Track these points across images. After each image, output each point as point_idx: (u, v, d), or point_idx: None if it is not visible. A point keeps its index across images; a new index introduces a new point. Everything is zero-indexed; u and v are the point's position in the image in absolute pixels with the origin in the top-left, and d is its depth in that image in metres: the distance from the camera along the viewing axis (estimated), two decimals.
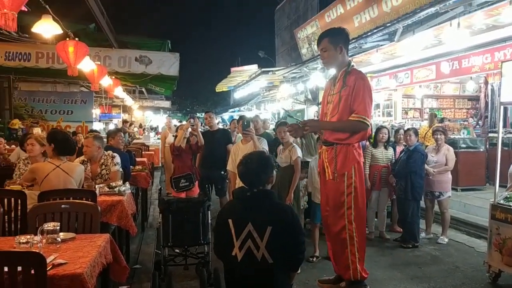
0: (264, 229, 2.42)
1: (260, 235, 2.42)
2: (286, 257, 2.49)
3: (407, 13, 7.96)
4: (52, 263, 2.34)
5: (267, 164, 2.71)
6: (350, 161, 3.70)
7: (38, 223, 3.16)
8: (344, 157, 3.70)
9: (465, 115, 14.49)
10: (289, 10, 22.24)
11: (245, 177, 2.64)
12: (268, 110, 21.13)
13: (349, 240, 3.73)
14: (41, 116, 13.91)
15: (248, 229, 2.43)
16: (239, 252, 2.44)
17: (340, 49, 3.75)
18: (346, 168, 3.70)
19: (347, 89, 3.66)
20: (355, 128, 3.67)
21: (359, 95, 3.61)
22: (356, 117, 3.60)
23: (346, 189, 3.70)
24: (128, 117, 23.61)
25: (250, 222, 2.44)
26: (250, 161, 2.66)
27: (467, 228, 6.73)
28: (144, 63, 10.60)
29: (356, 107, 3.60)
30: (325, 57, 3.82)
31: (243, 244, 2.44)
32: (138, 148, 10.21)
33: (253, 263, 2.43)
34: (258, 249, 2.42)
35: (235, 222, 2.48)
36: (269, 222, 2.44)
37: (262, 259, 2.43)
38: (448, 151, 6.33)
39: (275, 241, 2.42)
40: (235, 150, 5.42)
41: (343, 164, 3.70)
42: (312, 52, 13.21)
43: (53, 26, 5.75)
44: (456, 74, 9.81)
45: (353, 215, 3.72)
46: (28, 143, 4.83)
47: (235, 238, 2.46)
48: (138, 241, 5.94)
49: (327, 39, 3.78)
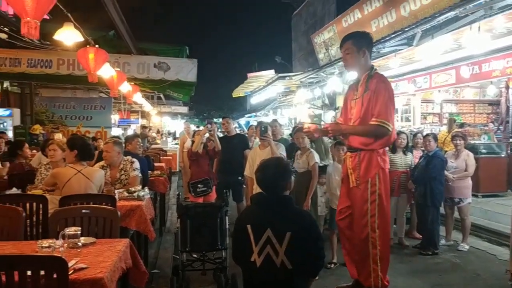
0: (283, 235, 2.42)
1: (279, 241, 2.42)
2: (306, 263, 2.48)
3: (426, 18, 7.88)
4: (73, 267, 2.37)
5: (285, 170, 2.70)
6: (374, 168, 3.62)
7: (59, 227, 3.21)
8: (367, 164, 3.63)
9: (486, 120, 14.24)
10: (306, 15, 22.22)
11: (263, 183, 2.64)
12: (285, 115, 21.10)
13: (371, 248, 3.66)
14: (61, 122, 14.16)
15: (267, 235, 2.43)
16: (258, 258, 2.44)
17: (363, 52, 3.71)
18: (370, 175, 3.62)
19: (369, 93, 3.60)
20: (376, 133, 3.60)
21: (379, 98, 3.55)
22: (377, 121, 3.54)
23: (370, 196, 3.62)
24: (146, 122, 23.84)
25: (269, 228, 2.44)
26: (267, 167, 2.66)
27: (488, 235, 6.61)
28: (162, 69, 10.71)
29: (376, 111, 3.54)
30: (348, 59, 3.78)
31: (262, 250, 2.43)
32: (156, 153, 10.30)
33: (272, 269, 2.43)
34: (277, 255, 2.42)
35: (254, 228, 2.48)
36: (288, 228, 2.44)
37: (281, 265, 2.42)
38: (468, 156, 6.23)
39: (294, 247, 2.42)
40: (252, 155, 5.43)
41: (366, 170, 3.63)
42: (329, 57, 13.17)
43: (74, 33, 5.85)
44: (476, 78, 9.66)
45: (377, 223, 3.63)
46: (50, 148, 4.92)
47: (254, 243, 2.45)
48: (156, 246, 5.99)
49: (351, 42, 3.74)
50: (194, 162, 6.52)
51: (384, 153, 3.77)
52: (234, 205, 6.83)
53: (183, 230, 4.22)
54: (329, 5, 18.84)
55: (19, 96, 14.13)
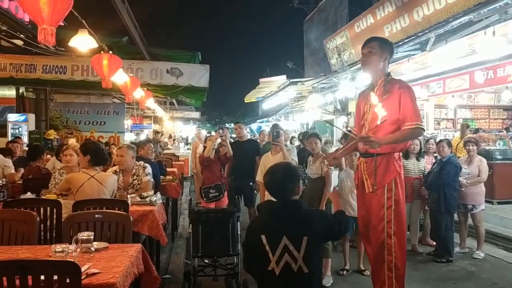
0: (299, 240, 2.40)
1: (297, 247, 2.39)
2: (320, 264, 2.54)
3: (440, 22, 7.82)
4: (86, 272, 2.38)
5: (294, 174, 2.68)
6: (391, 173, 3.56)
7: (72, 232, 3.23)
8: (385, 169, 3.58)
9: (501, 125, 14.05)
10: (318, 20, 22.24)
11: (272, 187, 2.61)
12: (297, 120, 21.08)
13: (387, 254, 3.59)
14: (75, 127, 14.33)
15: (284, 243, 2.40)
16: (277, 267, 2.41)
17: (385, 57, 3.67)
18: (386, 181, 3.57)
19: (390, 96, 3.57)
20: (414, 135, 3.78)
21: (408, 101, 3.51)
22: (415, 124, 3.48)
23: (386, 202, 3.57)
24: (158, 127, 24.01)
25: (284, 236, 2.41)
26: (276, 171, 2.65)
27: (504, 242, 6.50)
28: (175, 75, 10.79)
29: (409, 114, 3.49)
30: (369, 58, 3.70)
31: (280, 258, 2.41)
32: (168, 158, 10.34)
33: (290, 275, 2.41)
34: (296, 262, 2.40)
35: (269, 238, 2.44)
36: (304, 232, 2.42)
37: (298, 270, 2.41)
38: (481, 162, 6.15)
39: (312, 249, 2.41)
40: (264, 161, 5.42)
41: (383, 176, 3.58)
42: (342, 63, 13.13)
43: (89, 39, 5.93)
44: (491, 83, 9.55)
45: (393, 229, 3.57)
46: (66, 153, 4.95)
47: (271, 253, 2.42)
48: (168, 251, 6.00)
49: (377, 43, 3.71)
50: (206, 168, 6.52)
51: (399, 158, 3.71)
52: (246, 210, 6.82)
53: (195, 235, 4.22)
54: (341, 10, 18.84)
55: (34, 101, 14.33)
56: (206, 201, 6.38)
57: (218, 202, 6.43)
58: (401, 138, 3.61)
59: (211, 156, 6.41)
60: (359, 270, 5.22)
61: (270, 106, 22.34)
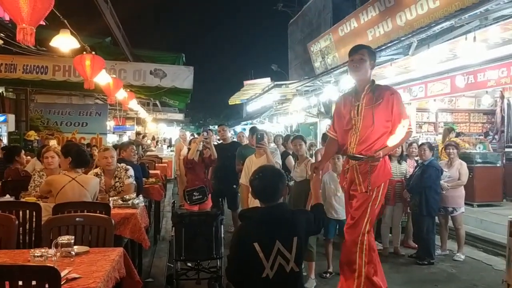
0: (290, 241, 2.42)
1: (289, 249, 2.41)
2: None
3: (422, 27, 7.93)
4: (66, 277, 2.34)
5: (282, 175, 2.69)
6: (385, 175, 3.72)
7: (52, 235, 3.17)
8: (379, 171, 3.67)
9: (481, 129, 14.30)
10: (303, 23, 22.34)
11: (264, 190, 2.57)
12: (281, 123, 21.13)
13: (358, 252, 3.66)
14: (56, 128, 14.10)
15: (277, 247, 2.40)
16: (271, 271, 2.41)
17: (372, 65, 3.81)
18: (380, 182, 3.67)
19: (383, 102, 3.65)
20: (406, 139, 3.86)
21: (400, 107, 3.69)
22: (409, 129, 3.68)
23: (372, 201, 3.65)
24: (141, 129, 23.80)
25: (277, 240, 2.41)
26: (265, 174, 2.62)
27: (484, 245, 6.60)
28: (158, 76, 10.71)
29: (401, 119, 3.64)
30: (361, 64, 3.77)
31: (274, 262, 2.40)
32: (151, 161, 10.25)
33: (284, 278, 2.42)
34: (289, 262, 2.41)
35: (262, 245, 2.41)
36: (293, 232, 2.44)
37: (290, 271, 2.42)
38: (461, 165, 6.24)
39: (301, 247, 2.45)
40: (248, 163, 5.40)
41: (377, 177, 3.66)
42: (326, 66, 13.22)
43: (70, 40, 5.85)
44: (472, 88, 9.69)
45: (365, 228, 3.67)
46: (47, 155, 4.86)
47: (265, 260, 2.41)
48: (150, 254, 5.94)
49: (367, 50, 3.81)
50: (190, 170, 6.49)
51: (389, 161, 3.87)
52: (230, 213, 6.80)
53: (178, 238, 4.19)
54: (325, 14, 18.96)
55: (14, 102, 14.08)
56: (190, 203, 6.34)
57: (202, 205, 6.39)
58: (399, 143, 3.85)
59: (195, 158, 6.37)
60: None
61: (254, 109, 22.35)
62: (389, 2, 9.18)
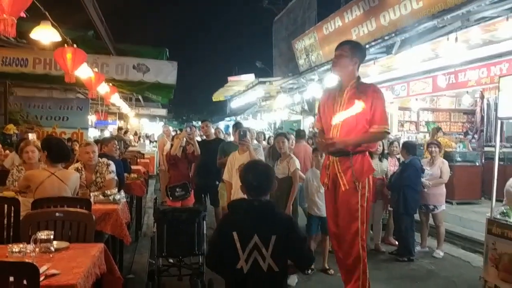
0: (268, 238, 2.41)
1: (266, 245, 2.41)
2: (295, 259, 2.51)
3: (405, 27, 8.03)
4: (45, 273, 2.30)
5: (271, 169, 2.74)
6: (368, 171, 3.69)
7: (31, 231, 3.12)
8: (361, 167, 3.66)
9: (461, 128, 14.55)
10: (287, 21, 22.35)
11: (257, 181, 2.57)
12: (264, 119, 21.16)
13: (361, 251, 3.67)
14: (36, 122, 13.85)
15: (254, 241, 2.41)
16: (246, 265, 2.41)
17: (355, 61, 3.75)
18: (362, 178, 3.66)
19: (365, 98, 3.63)
20: (378, 139, 3.82)
21: (378, 106, 3.63)
22: (382, 128, 3.64)
23: (360, 199, 3.64)
24: (123, 124, 23.53)
25: (256, 234, 2.42)
26: (256, 167, 2.67)
27: (462, 242, 6.73)
28: (141, 71, 10.58)
29: (378, 118, 3.62)
30: (340, 61, 3.77)
31: (249, 256, 2.41)
32: (134, 156, 10.17)
33: (260, 274, 2.41)
34: (264, 260, 2.40)
35: (241, 235, 2.43)
36: (273, 231, 2.43)
37: (268, 269, 2.41)
38: (443, 164, 6.34)
39: (280, 249, 2.42)
40: (231, 159, 5.39)
41: (360, 173, 3.65)
42: (310, 63, 13.27)
43: (51, 32, 5.73)
44: (453, 87, 9.85)
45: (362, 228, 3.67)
46: (28, 150, 4.75)
47: (241, 251, 2.42)
48: (132, 250, 5.89)
49: (349, 46, 3.79)
50: (173, 166, 6.44)
51: (368, 156, 3.84)
52: (212, 210, 6.78)
53: (159, 234, 4.16)
54: (310, 12, 19.00)
55: None
56: (172, 200, 6.29)
57: (184, 201, 6.35)
58: (367, 140, 3.74)
59: (178, 154, 6.33)
60: (324, 269, 5.27)
61: (238, 105, 22.33)
62: (373, 2, 9.25)
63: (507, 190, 4.77)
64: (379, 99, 3.67)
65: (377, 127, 3.63)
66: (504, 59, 8.08)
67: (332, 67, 3.89)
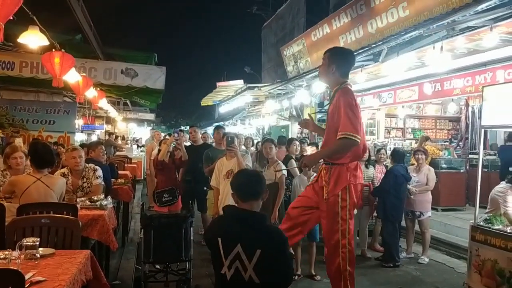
0: (253, 251, 2.38)
1: (249, 257, 2.38)
2: (275, 280, 2.46)
3: (392, 35, 8.13)
4: (30, 280, 2.29)
5: (262, 177, 2.74)
6: (342, 183, 3.64)
7: (16, 237, 3.09)
8: (337, 178, 3.66)
9: (446, 135, 14.73)
10: (276, 27, 22.47)
11: (247, 186, 2.58)
12: (253, 125, 21.18)
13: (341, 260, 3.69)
14: (22, 126, 13.67)
15: (237, 250, 2.39)
16: (228, 272, 2.42)
17: (332, 69, 3.74)
18: (337, 190, 3.65)
19: (334, 105, 3.66)
20: (344, 146, 3.52)
21: (340, 111, 3.55)
22: (341, 134, 3.48)
23: (341, 211, 3.66)
24: (111, 128, 23.35)
25: (239, 244, 2.40)
26: (246, 173, 2.70)
27: (447, 248, 6.81)
28: (130, 76, 10.53)
29: (340, 124, 3.52)
30: (320, 69, 3.90)
31: (232, 264, 2.41)
32: (121, 161, 10.10)
33: (241, 283, 2.41)
34: (246, 271, 2.39)
35: (224, 242, 2.44)
36: (259, 245, 2.40)
37: (249, 279, 2.40)
38: (429, 171, 6.43)
39: (263, 264, 2.38)
40: (219, 165, 5.40)
41: (335, 185, 3.66)
42: (298, 70, 13.34)
43: (39, 37, 5.70)
44: (438, 95, 10.00)
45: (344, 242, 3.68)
46: (16, 156, 4.59)
47: (224, 257, 2.42)
48: (118, 256, 5.85)
49: (328, 54, 3.82)
50: (160, 171, 6.43)
51: (355, 168, 3.74)
52: (199, 215, 6.77)
53: (146, 240, 4.15)
54: (298, 18, 19.13)
55: None
56: (159, 205, 6.28)
57: (172, 207, 6.35)
58: (333, 151, 3.65)
59: (165, 159, 6.33)
60: (310, 275, 5.30)
61: (227, 110, 22.33)
62: (361, 10, 9.35)
63: (493, 198, 4.86)
64: (340, 104, 3.55)
65: (339, 134, 3.50)
66: (488, 68, 8.23)
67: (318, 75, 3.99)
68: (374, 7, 8.85)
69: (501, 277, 4.08)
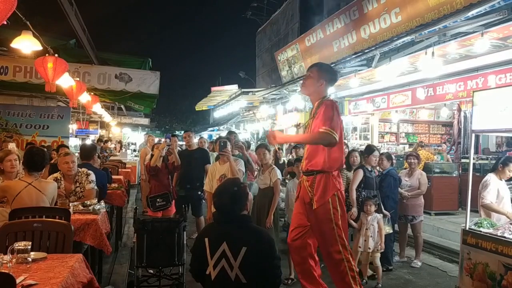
0: (238, 249, 2.43)
1: (234, 256, 2.43)
2: (263, 280, 2.49)
3: (384, 41, 8.22)
4: (21, 284, 2.29)
5: (241, 196, 2.71)
6: (331, 190, 3.71)
7: (8, 242, 3.09)
8: (324, 186, 3.71)
9: (439, 140, 14.83)
10: (270, 32, 22.58)
11: (219, 209, 2.67)
12: (247, 130, 21.22)
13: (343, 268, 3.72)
14: (16, 130, 13.62)
15: (223, 249, 2.44)
16: (213, 271, 2.45)
17: (321, 83, 3.85)
18: (327, 197, 3.71)
19: (318, 115, 3.73)
20: (322, 139, 3.59)
21: (324, 113, 3.64)
22: (324, 129, 3.56)
23: (333, 217, 3.69)
24: (105, 133, 23.30)
25: (225, 242, 2.45)
26: (223, 194, 2.69)
27: (440, 252, 6.84)
28: (124, 81, 10.52)
29: (323, 122, 3.61)
30: (305, 81, 3.94)
31: (217, 263, 2.44)
32: (115, 166, 10.07)
33: (227, 283, 2.43)
34: (232, 269, 2.43)
35: (211, 241, 2.49)
36: (244, 242, 2.45)
37: (235, 279, 2.43)
38: (421, 175, 6.46)
39: (249, 262, 2.42)
40: (212, 170, 5.42)
41: (324, 193, 3.71)
42: (292, 75, 13.42)
43: (33, 42, 5.69)
44: (431, 100, 10.07)
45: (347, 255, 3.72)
46: (10, 158, 4.60)
47: (210, 257, 2.46)
48: (111, 261, 5.83)
49: (316, 68, 3.90)
50: (154, 176, 6.43)
51: (338, 175, 3.86)
52: (193, 220, 6.77)
53: (139, 245, 4.15)
54: (293, 23, 19.24)
55: None
56: (153, 210, 6.28)
57: (165, 211, 6.35)
58: (309, 139, 3.81)
59: (158, 164, 6.33)
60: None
61: (221, 115, 22.37)
62: (354, 15, 9.44)
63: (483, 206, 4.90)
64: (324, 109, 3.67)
65: (322, 128, 3.58)
66: (480, 73, 8.32)
67: (301, 87, 4.03)
68: (367, 13, 8.94)
69: (492, 280, 4.11)
